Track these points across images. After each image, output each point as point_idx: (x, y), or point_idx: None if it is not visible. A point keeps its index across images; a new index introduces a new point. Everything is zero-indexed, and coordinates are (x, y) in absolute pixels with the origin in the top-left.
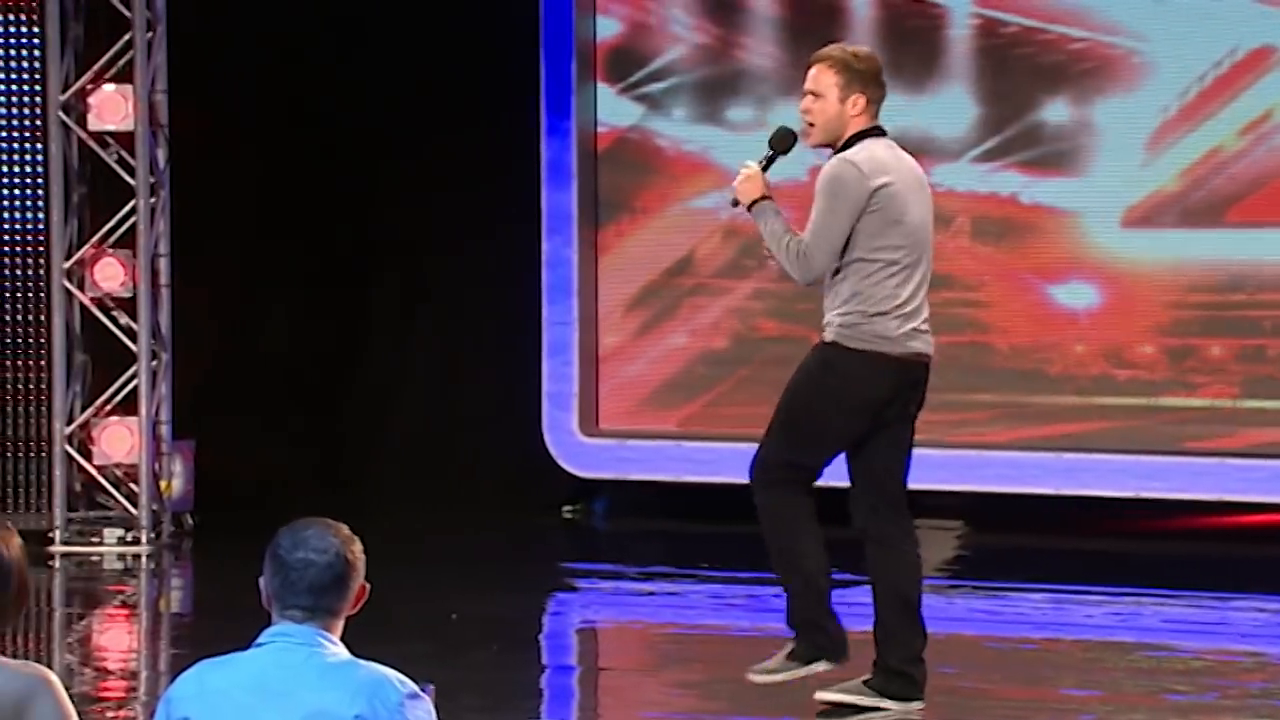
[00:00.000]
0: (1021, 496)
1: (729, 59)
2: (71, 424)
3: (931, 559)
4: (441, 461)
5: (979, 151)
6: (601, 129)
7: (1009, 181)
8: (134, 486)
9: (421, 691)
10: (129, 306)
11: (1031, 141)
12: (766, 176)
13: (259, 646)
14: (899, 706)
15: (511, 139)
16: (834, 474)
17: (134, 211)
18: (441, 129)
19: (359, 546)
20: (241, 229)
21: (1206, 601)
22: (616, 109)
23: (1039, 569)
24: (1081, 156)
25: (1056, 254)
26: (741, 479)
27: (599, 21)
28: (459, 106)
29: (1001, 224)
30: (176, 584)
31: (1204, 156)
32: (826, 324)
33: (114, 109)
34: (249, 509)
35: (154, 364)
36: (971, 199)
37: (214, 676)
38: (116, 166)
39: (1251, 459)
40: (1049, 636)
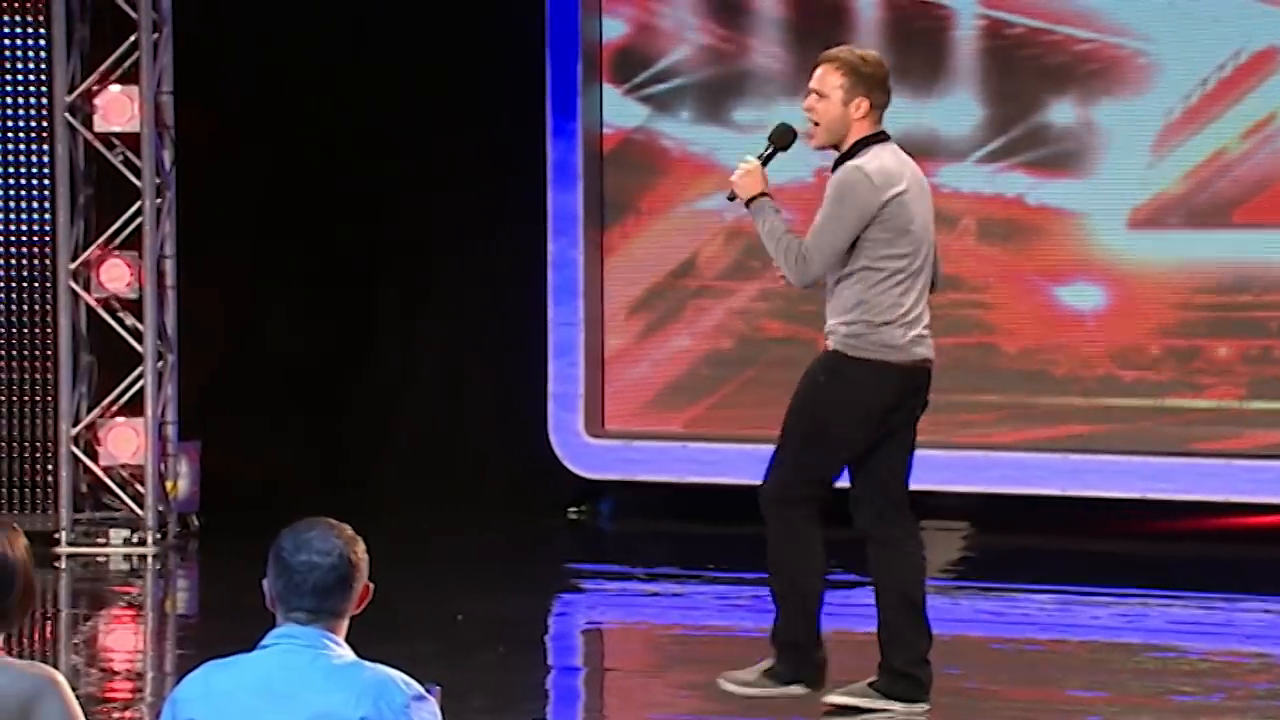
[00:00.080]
0: (1027, 497)
1: (734, 60)
2: (77, 425)
3: (937, 560)
4: (447, 462)
5: (985, 152)
6: (607, 130)
7: (1015, 182)
8: (140, 487)
9: (427, 693)
10: (135, 307)
11: (1037, 142)
12: (765, 171)
13: (264, 648)
14: (905, 708)
15: (517, 140)
16: None
17: (140, 212)
18: (447, 130)
19: (362, 547)
20: (247, 230)
21: (1213, 603)
22: (622, 110)
23: (1045, 570)
24: (1087, 158)
25: (1062, 255)
26: (747, 480)
27: (605, 23)
28: (464, 107)
29: (1007, 225)
30: (182, 585)
31: (1210, 157)
32: (830, 332)
33: (120, 110)
34: (254, 510)
35: (160, 365)
36: (977, 200)
37: (219, 678)
38: (122, 168)
39: (1258, 460)
40: (1055, 637)
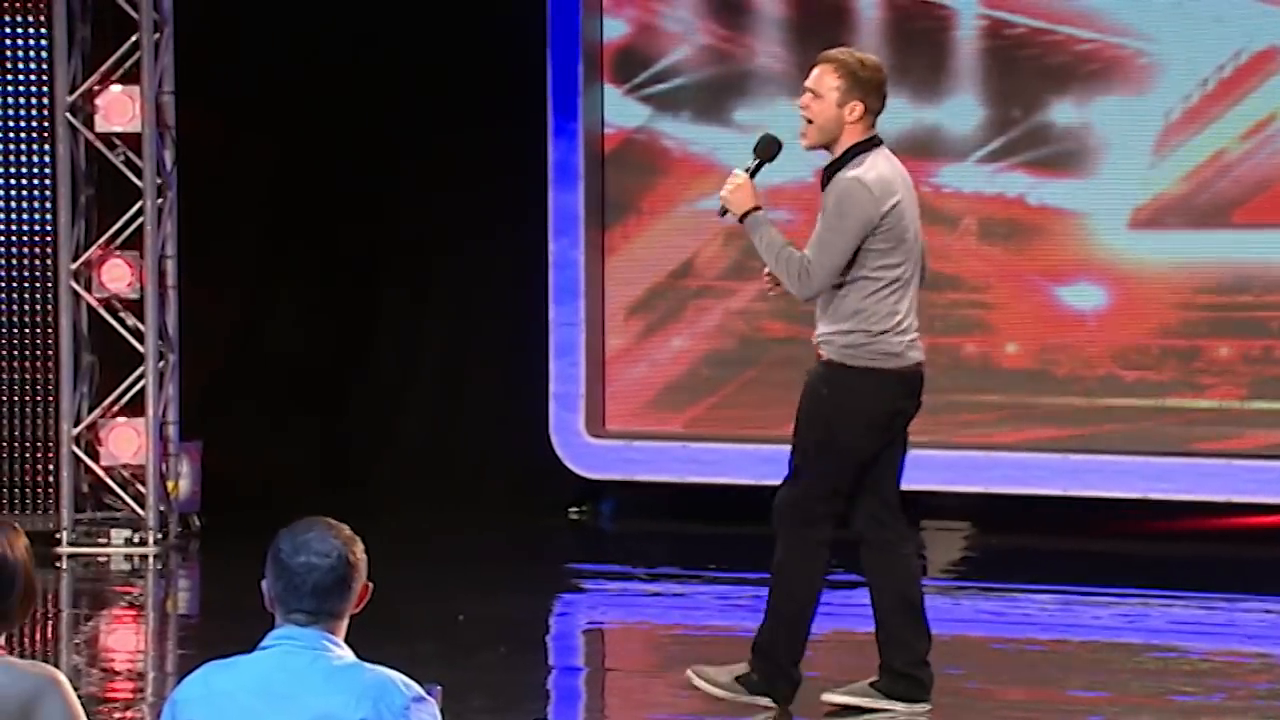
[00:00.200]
0: (1028, 497)
1: (735, 60)
2: (79, 425)
3: (938, 560)
4: (448, 462)
5: (986, 152)
6: (608, 130)
7: (1016, 182)
8: (141, 487)
9: (428, 694)
10: (136, 308)
11: (1038, 142)
12: (754, 183)
13: (264, 649)
14: (906, 708)
15: (518, 140)
16: None
17: (141, 213)
18: (448, 130)
19: (360, 547)
20: (248, 230)
21: (1214, 603)
22: (623, 110)
23: (1046, 570)
24: (1089, 158)
25: (1064, 255)
26: (747, 480)
27: (606, 23)
28: (466, 108)
29: (1009, 225)
30: (183, 585)
31: (1211, 158)
32: (825, 341)
33: (121, 110)
34: (256, 510)
35: (161, 365)
36: (978, 200)
37: (219, 679)
38: (123, 168)
39: (1259, 460)
40: (1056, 638)
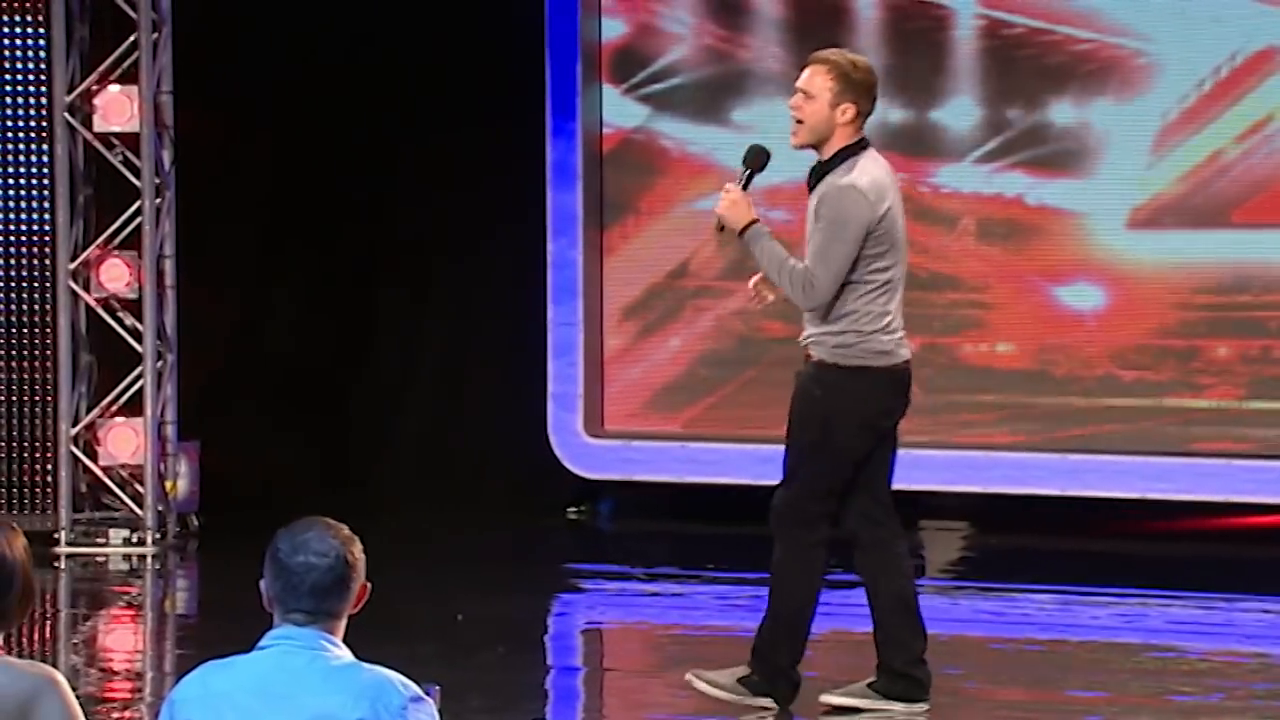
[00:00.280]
0: (1027, 497)
1: (734, 60)
2: (77, 425)
3: (937, 560)
4: (447, 462)
5: (984, 152)
6: (606, 130)
7: (1014, 183)
8: (139, 487)
9: (426, 694)
10: (134, 307)
11: (1037, 142)
12: (749, 195)
13: (262, 649)
14: (904, 708)
15: (517, 140)
16: None
17: (139, 212)
18: (447, 130)
19: (359, 547)
20: (246, 230)
21: (1212, 603)
22: (621, 110)
23: (1045, 570)
24: (1087, 158)
25: (1062, 255)
26: (746, 479)
27: (604, 23)
28: (464, 108)
29: (1007, 225)
30: (181, 585)
31: (1209, 157)
32: (815, 342)
33: (119, 110)
34: (254, 510)
35: (159, 365)
36: (977, 200)
37: (217, 679)
38: (122, 168)
39: (1257, 460)
40: (1055, 638)
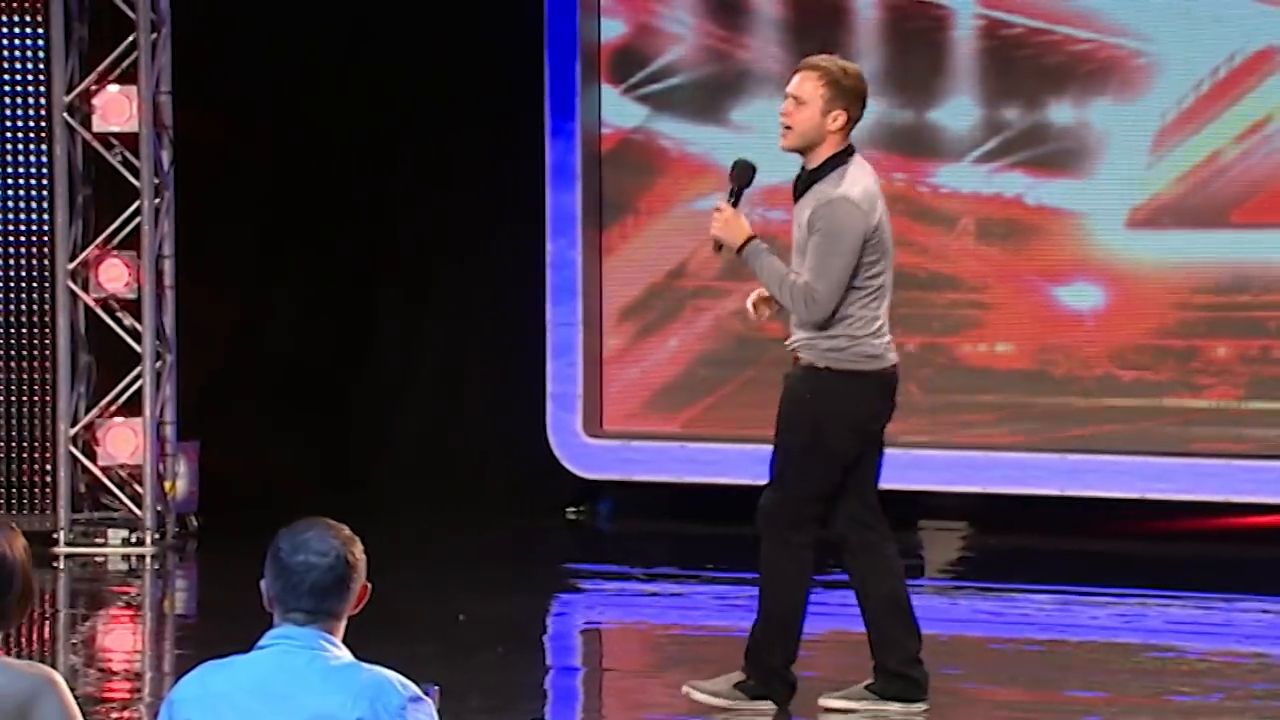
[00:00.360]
0: (1026, 498)
1: (733, 60)
2: (76, 425)
3: (936, 560)
4: (446, 462)
5: (983, 152)
6: (605, 130)
7: (1014, 183)
8: (138, 487)
9: (425, 694)
10: (133, 307)
11: (1036, 142)
12: (740, 212)
13: (261, 649)
14: (902, 708)
15: (516, 140)
16: None
17: (138, 213)
18: (446, 130)
19: (359, 547)
20: (246, 230)
21: (1211, 603)
22: (620, 110)
23: (1044, 570)
24: (1086, 158)
25: (1061, 255)
26: (745, 480)
27: (603, 23)
28: (463, 108)
29: (1006, 225)
30: (181, 585)
31: (1208, 157)
32: (805, 346)
33: (118, 110)
34: (253, 510)
35: (158, 365)
36: (976, 200)
37: (216, 679)
38: (121, 168)
39: (1257, 460)
40: (1054, 638)
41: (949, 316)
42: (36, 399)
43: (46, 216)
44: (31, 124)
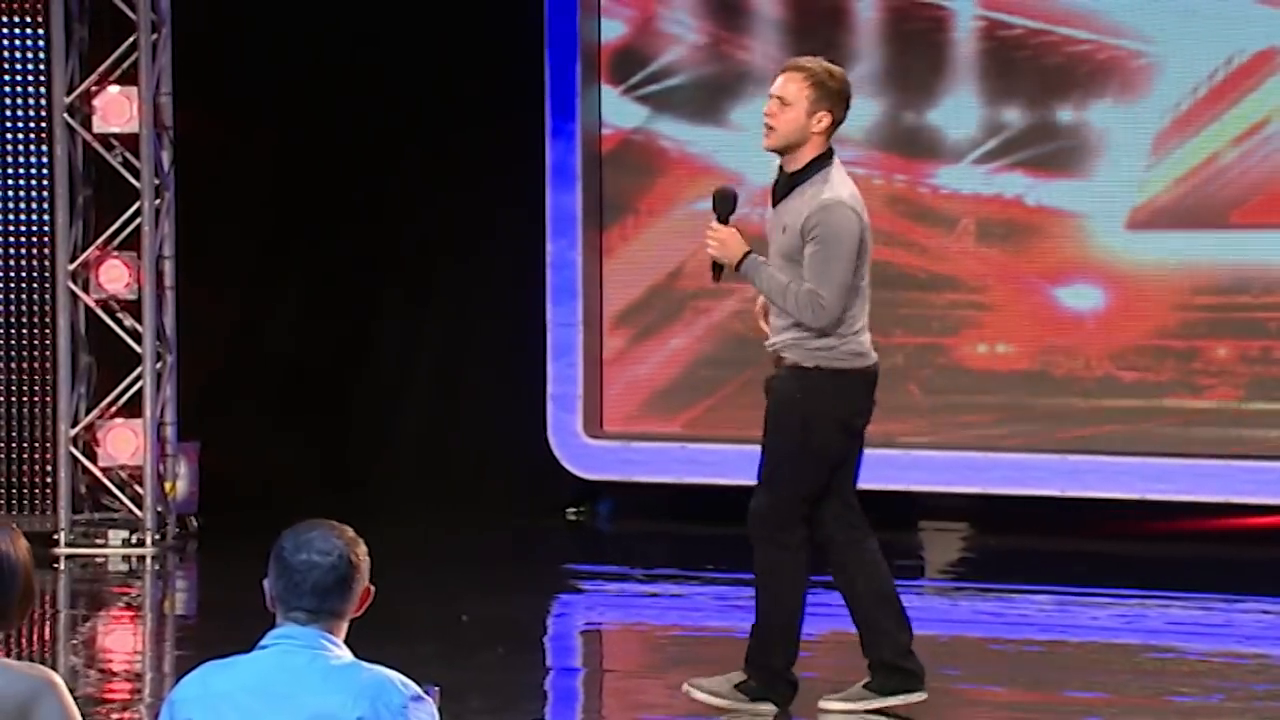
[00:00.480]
0: (1026, 498)
1: (733, 61)
2: (76, 426)
3: (936, 560)
4: (446, 463)
5: (983, 153)
6: (606, 131)
7: (1014, 183)
8: (139, 488)
9: (426, 694)
10: (134, 308)
11: (1036, 143)
12: (733, 228)
13: (262, 649)
14: (903, 700)
15: (516, 141)
16: None
17: (139, 213)
18: (446, 131)
19: (363, 548)
20: (246, 230)
21: (1212, 603)
22: (621, 111)
23: (1044, 571)
24: (1087, 158)
25: (1062, 256)
26: (745, 480)
27: (603, 23)
28: (464, 109)
29: (1007, 226)
30: (181, 586)
31: (1208, 158)
32: (791, 345)
33: (119, 111)
34: (254, 510)
35: (159, 366)
36: (976, 200)
37: (217, 679)
38: (121, 169)
39: (1257, 461)
40: (1054, 638)
41: (949, 317)
42: (37, 400)
43: (47, 217)
44: (32, 125)
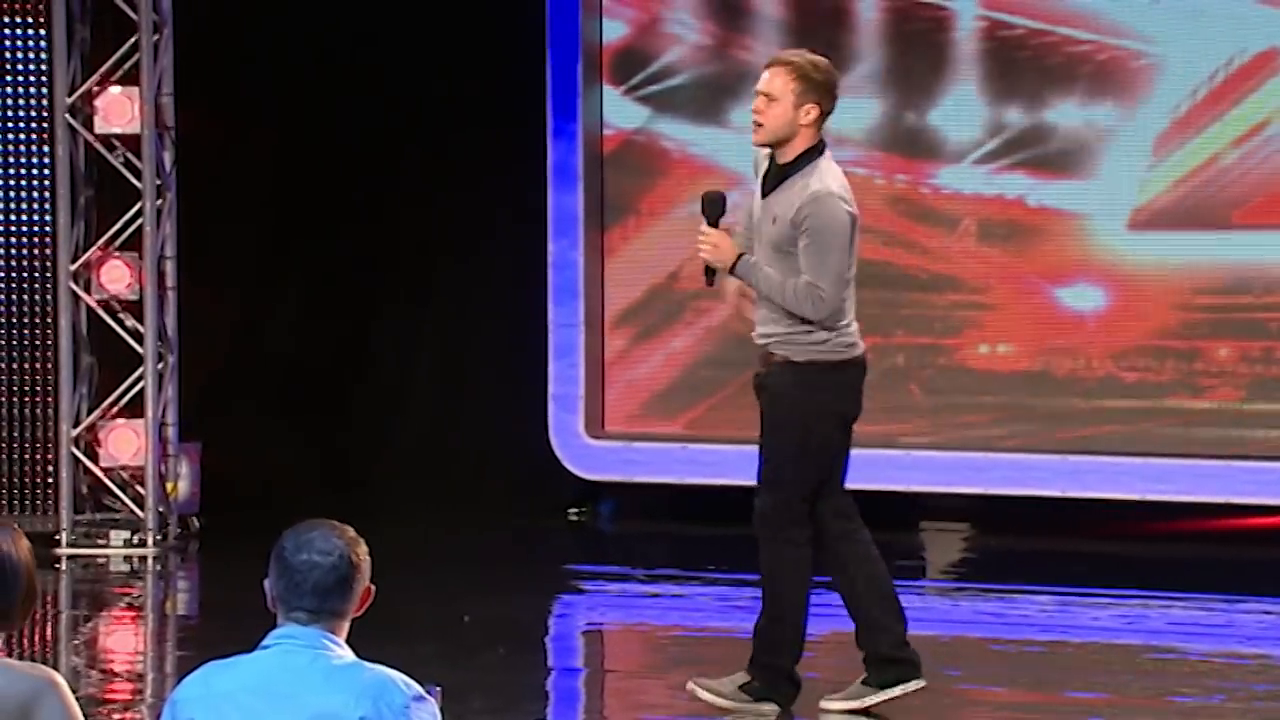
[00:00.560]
0: (1027, 499)
1: (735, 61)
2: (78, 426)
3: (937, 561)
4: (448, 463)
5: (985, 153)
6: (607, 131)
7: (1015, 184)
8: (140, 489)
9: (427, 694)
10: (135, 309)
11: (1038, 143)
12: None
13: (264, 649)
14: (902, 690)
15: (518, 141)
16: None
17: (140, 214)
18: (448, 131)
19: (364, 548)
20: (247, 231)
21: (1213, 604)
22: (622, 111)
23: (1045, 571)
24: (1088, 159)
25: (1063, 256)
26: (747, 481)
27: (605, 24)
28: (465, 109)
29: (1008, 226)
30: (183, 586)
31: (1210, 159)
32: (784, 341)
33: (120, 111)
34: (255, 511)
35: (160, 366)
36: (978, 201)
37: (219, 679)
38: (123, 169)
39: (1258, 461)
40: (1055, 639)
41: (950, 318)
42: (38, 400)
43: (48, 218)
44: (34, 125)
